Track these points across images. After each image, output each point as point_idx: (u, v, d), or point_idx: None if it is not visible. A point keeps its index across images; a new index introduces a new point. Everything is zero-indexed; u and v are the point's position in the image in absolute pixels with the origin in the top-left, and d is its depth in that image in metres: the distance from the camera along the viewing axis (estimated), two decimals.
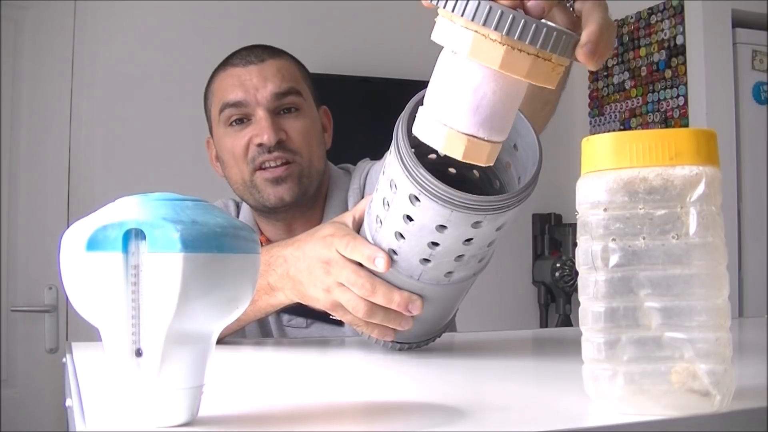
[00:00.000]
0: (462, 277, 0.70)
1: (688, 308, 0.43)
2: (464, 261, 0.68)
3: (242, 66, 1.15)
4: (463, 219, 0.62)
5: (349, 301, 0.73)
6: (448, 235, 0.64)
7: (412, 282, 0.70)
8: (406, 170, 0.62)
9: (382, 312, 0.72)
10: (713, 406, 0.43)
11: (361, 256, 0.72)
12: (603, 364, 0.45)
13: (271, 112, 1.13)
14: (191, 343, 0.42)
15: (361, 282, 0.72)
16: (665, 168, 0.44)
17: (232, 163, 1.16)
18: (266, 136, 1.10)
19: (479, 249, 0.67)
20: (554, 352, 0.90)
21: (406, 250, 0.68)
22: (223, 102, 1.14)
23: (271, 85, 1.13)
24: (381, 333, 0.75)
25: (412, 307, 0.71)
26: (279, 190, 1.12)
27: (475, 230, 0.64)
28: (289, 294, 0.82)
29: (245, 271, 0.43)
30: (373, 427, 0.46)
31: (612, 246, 0.44)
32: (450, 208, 0.62)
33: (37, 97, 2.35)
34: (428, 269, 0.68)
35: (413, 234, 0.66)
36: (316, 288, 0.76)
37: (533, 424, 0.46)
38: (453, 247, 0.65)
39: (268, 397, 0.58)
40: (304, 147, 1.14)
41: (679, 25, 2.62)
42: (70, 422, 0.54)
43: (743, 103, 2.63)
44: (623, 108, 2.85)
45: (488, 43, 0.47)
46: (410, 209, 0.64)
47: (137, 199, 0.42)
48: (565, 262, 2.83)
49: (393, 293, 0.71)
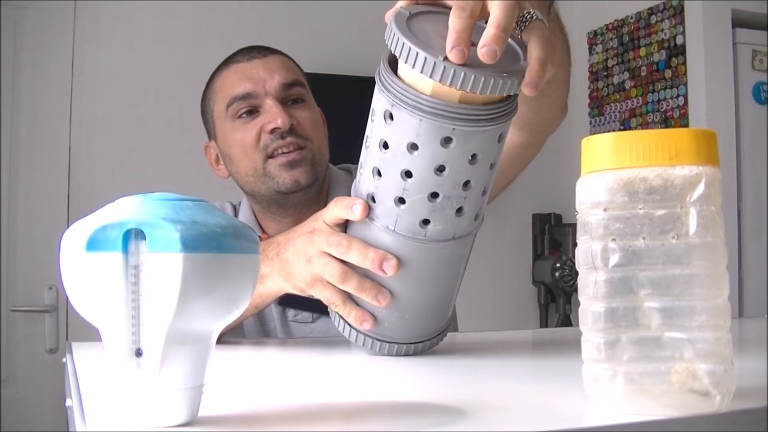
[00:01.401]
0: (439, 231, 0.69)
1: (688, 308, 0.43)
2: (439, 204, 0.67)
3: (246, 61, 1.17)
4: (433, 132, 0.64)
5: (326, 265, 0.73)
6: (420, 158, 0.65)
7: (388, 236, 0.70)
8: (381, 84, 0.66)
9: (356, 278, 0.72)
10: (713, 406, 0.43)
11: (340, 207, 0.73)
12: (603, 364, 0.45)
13: (280, 101, 1.14)
14: (191, 343, 0.42)
15: (337, 240, 0.73)
16: (665, 168, 0.44)
17: (241, 156, 1.16)
18: (280, 120, 1.11)
19: (453, 188, 0.67)
20: (554, 352, 0.90)
21: (383, 189, 0.68)
22: (230, 96, 1.15)
23: (278, 76, 1.15)
24: (358, 317, 0.74)
25: (387, 266, 0.70)
26: (294, 173, 1.13)
27: (446, 152, 0.64)
28: (276, 278, 0.81)
29: (245, 271, 0.43)
30: (372, 427, 0.46)
31: (612, 246, 0.44)
32: (419, 116, 0.63)
33: (37, 97, 2.35)
34: (403, 213, 0.68)
35: (389, 163, 0.67)
36: (300, 261, 0.77)
37: (533, 424, 0.46)
38: (426, 176, 0.66)
39: (268, 397, 0.59)
40: (313, 134, 1.16)
41: (679, 25, 2.62)
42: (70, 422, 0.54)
43: (743, 103, 2.63)
44: (623, 108, 2.85)
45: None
46: (385, 131, 0.66)
47: (137, 199, 0.42)
48: (565, 262, 2.83)
49: (368, 249, 0.71)
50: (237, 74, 1.16)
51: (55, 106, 2.37)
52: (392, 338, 0.76)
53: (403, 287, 0.73)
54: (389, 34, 0.64)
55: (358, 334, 0.76)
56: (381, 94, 0.66)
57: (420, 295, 0.74)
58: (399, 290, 0.73)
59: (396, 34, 0.63)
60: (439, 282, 0.75)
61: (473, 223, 0.72)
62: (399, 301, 0.73)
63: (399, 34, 0.62)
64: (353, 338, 0.76)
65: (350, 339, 0.77)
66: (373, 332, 0.76)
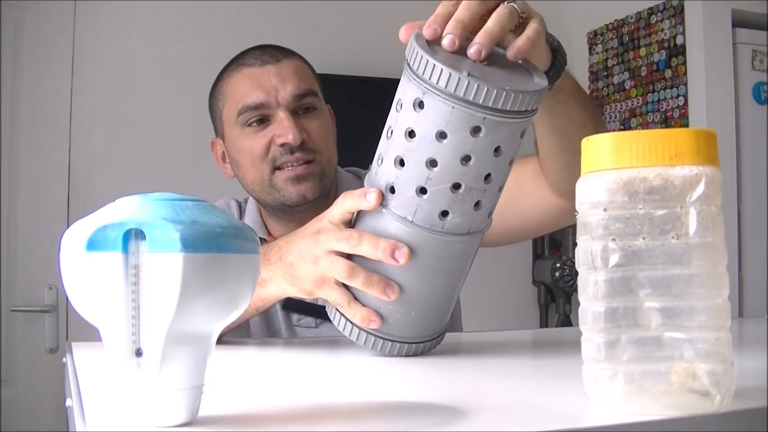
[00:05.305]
0: (456, 225, 0.70)
1: (688, 308, 0.43)
2: (460, 196, 0.68)
3: (258, 66, 1.14)
4: (464, 120, 0.65)
5: (332, 263, 0.73)
6: (447, 146, 0.66)
7: (405, 227, 0.70)
8: (412, 72, 0.67)
9: (364, 273, 0.71)
10: (713, 406, 0.43)
11: (352, 198, 0.72)
12: (603, 364, 0.45)
13: (292, 112, 1.13)
14: (191, 343, 0.42)
15: (347, 234, 0.72)
16: (665, 168, 0.44)
17: (248, 164, 1.15)
18: (291, 135, 1.10)
19: (475, 179, 0.68)
20: (554, 352, 0.90)
21: (405, 179, 0.69)
22: (242, 105, 1.13)
23: (291, 86, 1.13)
24: (365, 317, 0.73)
25: (399, 254, 0.69)
26: (301, 188, 1.13)
27: (474, 142, 0.66)
28: (280, 283, 0.81)
29: (245, 271, 0.43)
30: (373, 427, 0.46)
31: (612, 246, 0.44)
32: (452, 103, 0.64)
33: (37, 97, 2.35)
34: (424, 203, 0.69)
35: (414, 152, 0.68)
36: (306, 263, 0.76)
37: (533, 424, 0.46)
38: (451, 165, 0.67)
39: (268, 397, 0.59)
40: (323, 146, 1.15)
41: (679, 25, 2.62)
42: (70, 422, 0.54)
43: (743, 103, 2.63)
44: (623, 108, 2.85)
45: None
46: (413, 119, 0.67)
47: (137, 199, 0.42)
48: (565, 262, 2.83)
49: (379, 239, 0.70)
50: (249, 80, 1.14)
51: (55, 106, 2.37)
52: (396, 336, 0.76)
53: (411, 281, 0.73)
54: (412, 50, 0.67)
55: (360, 332, 0.76)
56: (411, 82, 0.67)
57: (428, 290, 0.74)
58: (407, 284, 0.73)
59: (419, 50, 0.66)
60: (448, 277, 0.75)
61: (486, 220, 0.73)
62: (406, 295, 0.73)
63: (422, 51, 0.66)
64: (355, 337, 0.76)
65: (352, 338, 0.76)
66: (377, 330, 0.75)
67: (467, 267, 0.76)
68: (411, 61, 0.67)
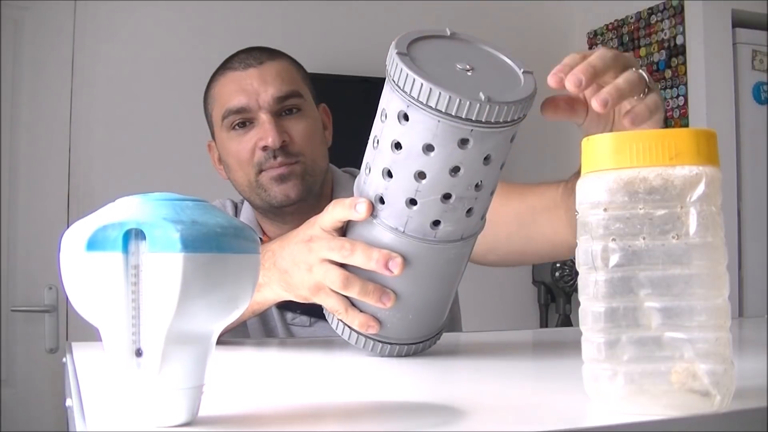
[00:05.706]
0: (449, 232, 0.69)
1: (688, 308, 0.43)
2: (451, 206, 0.67)
3: (242, 69, 1.15)
4: (450, 134, 0.63)
5: (327, 272, 0.73)
6: (435, 159, 0.64)
7: (397, 237, 0.69)
8: (395, 84, 0.64)
9: (359, 283, 0.71)
10: (713, 406, 0.43)
11: (342, 208, 0.72)
12: (603, 364, 0.45)
13: (274, 114, 1.13)
14: (191, 343, 0.42)
15: (339, 243, 0.72)
16: (665, 168, 0.44)
17: (236, 167, 1.17)
18: (270, 138, 1.11)
19: (466, 188, 0.67)
20: (554, 352, 0.90)
21: (394, 190, 0.68)
22: (226, 109, 1.15)
23: (272, 88, 1.14)
24: (363, 323, 0.73)
25: (392, 265, 0.69)
26: (284, 187, 1.13)
27: (462, 153, 0.64)
28: (275, 288, 0.81)
29: (245, 271, 0.43)
30: (372, 427, 0.46)
31: (612, 246, 0.44)
32: (437, 117, 0.63)
33: (37, 97, 2.35)
34: (414, 215, 0.68)
35: (401, 164, 0.66)
36: (300, 271, 0.76)
37: (533, 424, 0.46)
38: (440, 177, 0.65)
39: (268, 397, 0.59)
40: (307, 148, 1.15)
41: (679, 25, 2.62)
42: (70, 422, 0.54)
43: (743, 103, 2.63)
44: None
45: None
46: (399, 132, 0.65)
47: (137, 199, 0.42)
48: (565, 262, 2.83)
49: (371, 249, 0.70)
50: (232, 84, 1.15)
51: (55, 106, 2.37)
52: (393, 339, 0.76)
53: (407, 288, 0.72)
54: (394, 66, 0.65)
55: (358, 336, 0.76)
56: (394, 94, 0.65)
57: (424, 295, 0.74)
58: (403, 291, 0.72)
59: (399, 63, 0.64)
60: (443, 281, 0.75)
61: (479, 223, 0.73)
62: (402, 301, 0.73)
63: (402, 64, 0.64)
64: (353, 340, 0.76)
65: (350, 341, 0.76)
66: (375, 334, 0.75)
67: (462, 268, 0.76)
68: (393, 74, 0.65)
